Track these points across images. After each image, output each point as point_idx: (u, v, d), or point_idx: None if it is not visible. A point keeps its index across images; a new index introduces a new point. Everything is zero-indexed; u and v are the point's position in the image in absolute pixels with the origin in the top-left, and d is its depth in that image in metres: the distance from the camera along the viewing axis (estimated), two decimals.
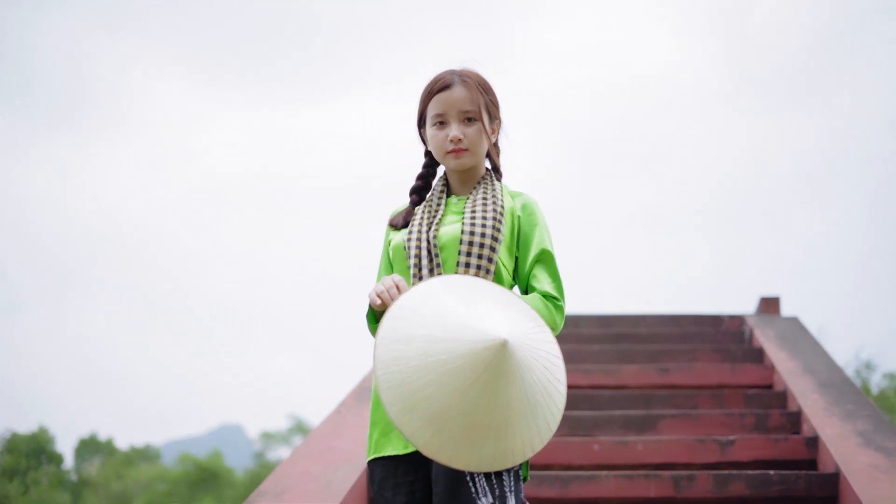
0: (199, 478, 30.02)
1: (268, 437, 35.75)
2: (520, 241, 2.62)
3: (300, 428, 34.75)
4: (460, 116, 2.62)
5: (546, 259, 2.60)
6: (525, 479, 2.58)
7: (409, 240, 2.59)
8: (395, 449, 2.53)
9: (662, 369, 5.83)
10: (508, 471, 2.43)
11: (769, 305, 7.19)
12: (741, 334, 6.70)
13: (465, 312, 2.22)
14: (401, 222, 2.68)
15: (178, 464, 32.45)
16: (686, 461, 4.58)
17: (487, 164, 2.76)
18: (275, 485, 3.99)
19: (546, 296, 2.55)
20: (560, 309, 2.56)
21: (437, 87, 2.64)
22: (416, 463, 2.52)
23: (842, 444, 4.27)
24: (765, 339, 6.20)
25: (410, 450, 2.50)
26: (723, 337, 6.73)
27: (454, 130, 2.61)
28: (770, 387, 5.69)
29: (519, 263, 2.62)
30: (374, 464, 2.58)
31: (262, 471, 31.78)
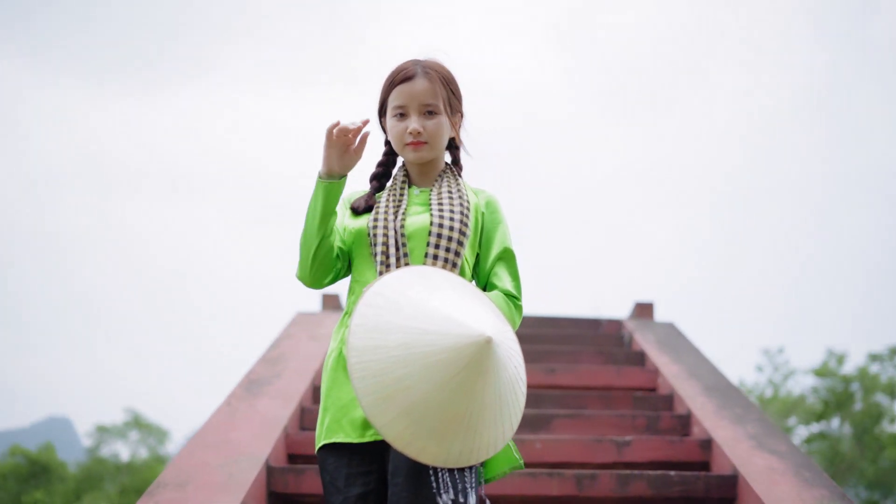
0: (28, 471, 28.80)
1: (102, 431, 34.55)
2: (482, 238, 2.61)
3: (138, 422, 33.76)
4: (421, 109, 2.59)
5: (508, 258, 2.60)
6: (495, 478, 2.56)
7: (374, 227, 2.54)
8: (347, 437, 2.47)
9: (549, 369, 5.88)
10: (471, 467, 2.40)
11: (643, 311, 7.33)
12: (620, 338, 6.82)
13: (445, 305, 2.18)
14: (362, 206, 2.62)
15: (5, 456, 31.06)
16: (584, 460, 4.62)
17: (448, 158, 2.73)
18: (175, 476, 3.85)
19: (508, 294, 2.55)
20: (519, 308, 2.58)
21: (400, 78, 2.60)
22: (371, 453, 2.47)
23: (736, 446, 4.38)
24: (645, 342, 6.32)
25: (366, 439, 2.44)
26: (603, 340, 6.83)
27: (414, 123, 2.58)
28: (654, 390, 5.81)
29: (480, 260, 2.62)
30: (324, 451, 2.51)
31: (96, 465, 30.72)
